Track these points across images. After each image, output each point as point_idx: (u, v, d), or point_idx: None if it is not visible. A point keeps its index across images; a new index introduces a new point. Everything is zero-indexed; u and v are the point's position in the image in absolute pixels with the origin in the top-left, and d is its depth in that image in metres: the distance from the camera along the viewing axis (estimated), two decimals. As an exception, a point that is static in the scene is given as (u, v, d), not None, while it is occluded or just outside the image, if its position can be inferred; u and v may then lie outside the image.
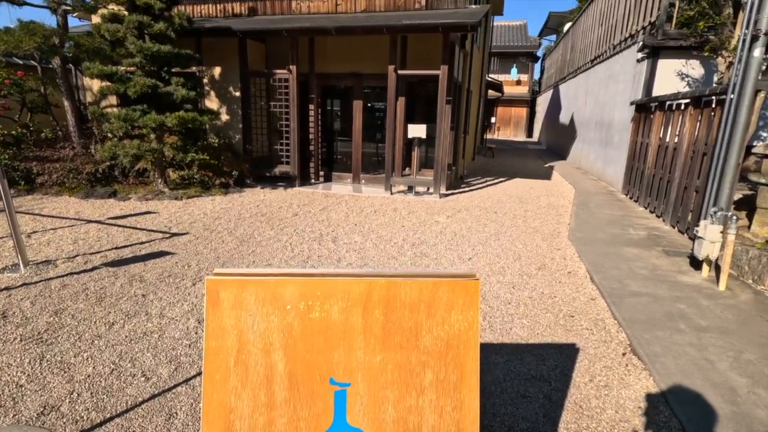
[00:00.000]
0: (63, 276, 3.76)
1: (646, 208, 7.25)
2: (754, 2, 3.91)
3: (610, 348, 2.91)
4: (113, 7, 7.39)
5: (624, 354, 2.84)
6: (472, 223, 6.11)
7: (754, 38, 3.83)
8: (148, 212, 6.17)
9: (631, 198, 8.17)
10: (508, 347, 2.89)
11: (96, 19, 8.30)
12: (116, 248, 4.55)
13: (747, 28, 3.95)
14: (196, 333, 2.89)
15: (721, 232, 3.96)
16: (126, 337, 2.83)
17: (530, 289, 3.86)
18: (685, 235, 5.63)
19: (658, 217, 6.69)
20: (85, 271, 3.90)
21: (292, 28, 7.46)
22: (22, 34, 6.74)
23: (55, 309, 3.16)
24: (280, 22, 7.87)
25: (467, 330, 1.24)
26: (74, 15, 9.82)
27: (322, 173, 9.19)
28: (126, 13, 7.04)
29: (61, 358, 2.58)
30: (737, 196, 5.81)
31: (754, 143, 7.86)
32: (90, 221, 5.60)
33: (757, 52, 3.85)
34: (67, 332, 2.86)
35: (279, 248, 4.77)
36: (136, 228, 5.35)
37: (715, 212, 4.03)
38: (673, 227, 6.04)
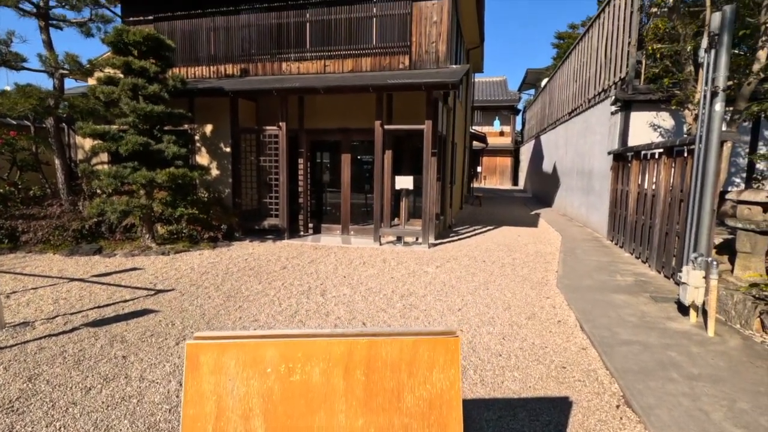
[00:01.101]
0: (40, 338, 3.64)
1: (631, 254, 7.36)
2: (710, 62, 4.23)
3: (604, 400, 2.85)
4: (109, 70, 7.69)
5: (618, 406, 2.78)
6: (461, 273, 6.11)
7: (714, 94, 4.11)
8: (134, 269, 6.08)
9: (616, 244, 8.30)
10: (500, 402, 2.81)
11: (92, 80, 8.60)
12: (98, 307, 4.44)
13: (706, 85, 4.24)
14: (177, 396, 2.78)
15: (704, 278, 4.02)
16: (103, 403, 2.71)
17: (521, 339, 3.82)
18: (671, 280, 5.69)
19: (643, 262, 6.77)
20: (64, 332, 3.78)
21: (282, 88, 7.80)
22: (17, 97, 6.94)
23: (29, 374, 3.03)
24: (271, 83, 8.23)
25: (449, 389, 1.23)
26: (70, 77, 10.18)
27: (311, 225, 9.24)
28: (122, 75, 7.32)
29: (32, 428, 2.44)
30: (718, 240, 5.96)
31: (729, 188, 8.17)
32: (73, 279, 5.49)
33: (718, 106, 4.11)
34: (40, 399, 2.73)
35: (266, 303, 4.69)
36: (120, 285, 5.26)
37: (696, 258, 4.11)
38: (659, 272, 6.11)
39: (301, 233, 8.99)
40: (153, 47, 7.35)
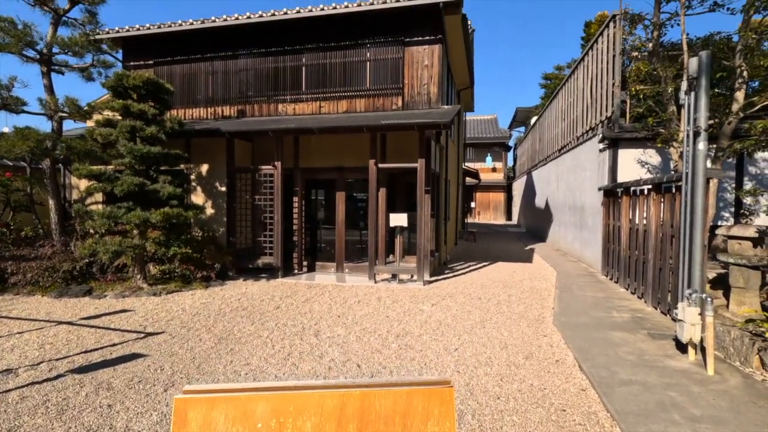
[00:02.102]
0: (23, 386, 3.51)
1: (626, 289, 7.34)
2: (690, 103, 4.40)
3: (606, 445, 2.77)
4: (108, 113, 7.84)
5: (620, 452, 2.70)
6: (457, 311, 6.05)
7: (696, 134, 4.25)
8: (124, 310, 5.97)
9: (611, 279, 8.29)
10: (499, 450, 2.72)
11: (90, 122, 8.74)
12: (85, 352, 4.32)
13: (689, 125, 4.39)
14: (164, 448, 2.67)
15: (700, 314, 4.01)
16: (85, 457, 2.59)
17: (519, 380, 3.74)
18: (668, 316, 5.66)
19: (639, 298, 6.75)
20: (48, 379, 3.66)
21: (278, 129, 7.96)
22: (16, 140, 7.02)
23: (9, 426, 2.91)
24: (267, 123, 8.41)
25: (445, 442, 1.20)
26: (69, 119, 10.35)
27: (305, 263, 9.19)
28: (120, 117, 7.46)
29: (9, 486, 2.32)
30: (712, 275, 5.98)
31: (719, 223, 8.29)
32: (61, 322, 5.36)
33: (701, 145, 4.24)
34: (19, 454, 2.61)
35: (259, 345, 4.59)
36: (109, 328, 5.14)
37: (691, 294, 4.11)
38: (655, 308, 6.08)
39: (296, 271, 8.92)
40: (152, 90, 7.54)
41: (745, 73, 6.73)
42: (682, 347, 4.39)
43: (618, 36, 8.68)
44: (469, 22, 9.79)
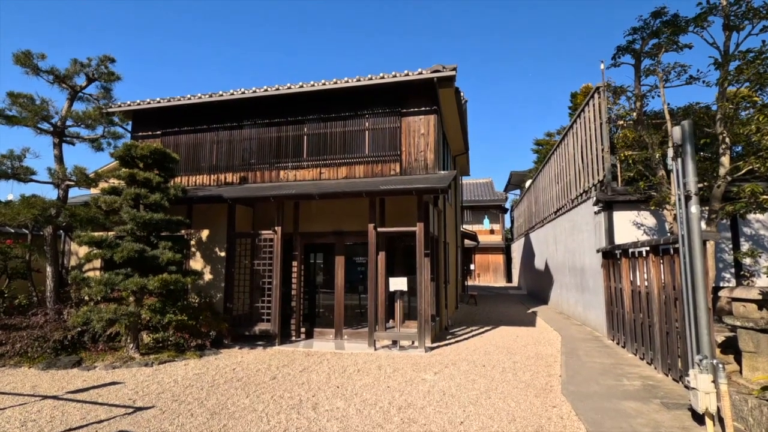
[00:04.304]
0: (0, 470, 3.28)
1: (634, 354, 7.11)
2: (678, 169, 4.57)
3: None
4: (114, 180, 8.04)
5: None
6: (461, 380, 5.81)
7: (687, 198, 4.37)
8: (113, 383, 5.71)
9: (617, 343, 8.06)
10: None
11: (95, 189, 8.93)
12: (69, 430, 4.08)
13: (679, 189, 4.53)
14: None
15: (713, 381, 3.87)
16: None
17: (530, 458, 3.51)
18: (680, 383, 5.44)
19: (648, 364, 6.52)
20: (27, 462, 3.41)
21: (279, 195, 8.13)
22: (21, 207, 7.13)
23: None
24: (268, 190, 8.60)
25: None
26: (75, 186, 10.60)
27: (303, 329, 8.95)
28: (125, 185, 7.63)
29: None
30: (720, 338, 5.84)
31: (720, 284, 8.23)
32: (46, 397, 5.11)
33: (694, 208, 4.34)
34: None
35: (254, 420, 4.35)
36: (96, 403, 4.88)
37: (701, 360, 3.99)
38: (666, 375, 5.86)
39: (293, 338, 8.66)
40: (158, 159, 7.80)
41: (727, 140, 7.04)
42: (698, 418, 4.18)
43: (603, 106, 9.18)
44: (461, 94, 10.39)
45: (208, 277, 9.00)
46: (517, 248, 26.63)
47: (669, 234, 7.69)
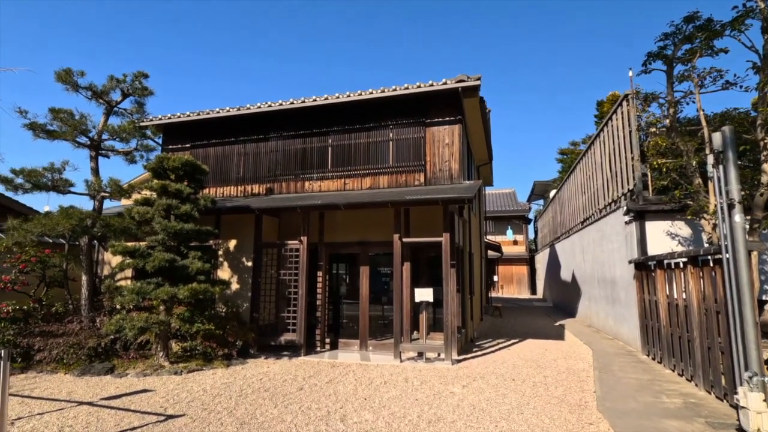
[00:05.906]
0: (40, 475, 3.34)
1: (672, 371, 6.80)
2: (720, 176, 4.40)
3: None
4: (146, 192, 8.28)
5: None
6: (490, 394, 5.67)
7: (731, 206, 4.19)
8: (145, 390, 5.80)
9: (653, 359, 7.73)
10: None
11: (127, 201, 9.20)
12: (105, 436, 4.15)
13: (721, 196, 4.35)
14: None
15: (765, 400, 3.66)
16: None
17: (569, 477, 3.37)
18: (724, 401, 5.16)
19: (688, 380, 6.23)
20: (66, 467, 3.48)
21: (305, 205, 8.20)
22: (60, 218, 7.40)
23: None
24: (294, 200, 8.69)
25: None
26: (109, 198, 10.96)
27: (328, 340, 8.93)
28: (156, 196, 7.85)
29: None
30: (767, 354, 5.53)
31: (763, 297, 7.84)
32: (81, 403, 5.22)
33: (738, 217, 4.16)
34: None
35: (283, 431, 4.33)
36: (129, 410, 4.96)
37: (751, 377, 3.79)
38: (709, 393, 5.58)
39: (318, 349, 8.65)
40: (189, 171, 8.00)
41: (768, 146, 6.75)
42: (748, 439, 3.94)
43: (633, 113, 8.97)
44: (485, 103, 10.33)
45: (234, 286, 9.11)
46: (541, 259, 26.09)
47: (707, 244, 7.38)
